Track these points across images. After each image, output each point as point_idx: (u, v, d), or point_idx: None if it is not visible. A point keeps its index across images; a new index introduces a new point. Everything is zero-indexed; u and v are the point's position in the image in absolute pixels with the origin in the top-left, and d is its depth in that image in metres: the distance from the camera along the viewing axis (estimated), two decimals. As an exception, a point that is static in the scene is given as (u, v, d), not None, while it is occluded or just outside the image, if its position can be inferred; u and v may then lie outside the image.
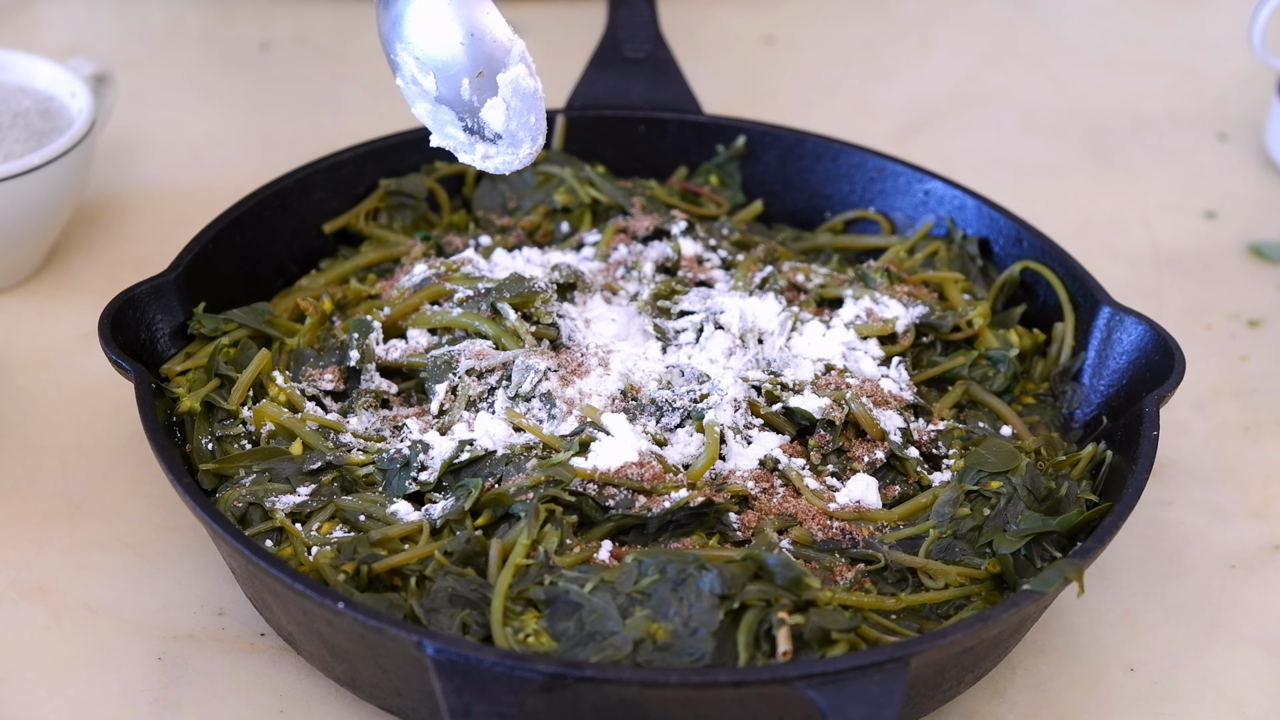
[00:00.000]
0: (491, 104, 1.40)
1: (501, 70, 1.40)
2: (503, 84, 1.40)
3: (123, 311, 1.39)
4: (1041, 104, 1.99)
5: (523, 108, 1.40)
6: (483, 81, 1.40)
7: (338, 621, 1.23)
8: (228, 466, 1.35)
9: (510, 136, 1.41)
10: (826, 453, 1.39)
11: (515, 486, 1.31)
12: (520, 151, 1.41)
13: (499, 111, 1.40)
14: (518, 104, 1.40)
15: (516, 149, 1.41)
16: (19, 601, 1.37)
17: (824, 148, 1.64)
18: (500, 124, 1.41)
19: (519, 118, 1.40)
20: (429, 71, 1.41)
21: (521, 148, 1.41)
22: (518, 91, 1.40)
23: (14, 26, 1.99)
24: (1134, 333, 1.45)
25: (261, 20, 2.03)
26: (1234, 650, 1.39)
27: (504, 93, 1.40)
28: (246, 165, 1.80)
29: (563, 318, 1.45)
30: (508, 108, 1.40)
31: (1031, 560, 1.32)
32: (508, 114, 1.40)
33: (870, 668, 1.17)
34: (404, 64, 1.42)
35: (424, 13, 1.40)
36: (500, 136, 1.41)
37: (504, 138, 1.41)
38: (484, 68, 1.40)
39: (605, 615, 1.23)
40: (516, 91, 1.40)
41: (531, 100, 1.40)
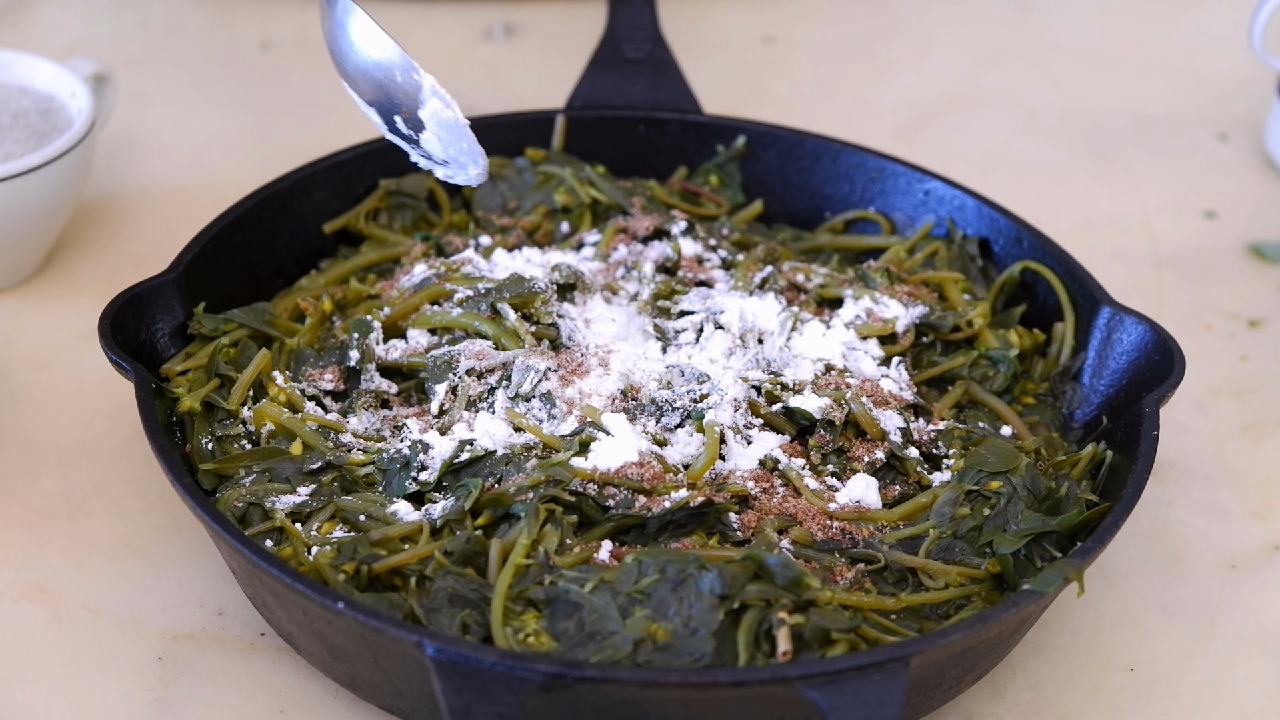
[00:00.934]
0: (425, 136, 1.47)
1: (419, 107, 1.46)
2: (425, 118, 1.46)
3: (123, 311, 1.39)
4: (1041, 104, 1.99)
5: (451, 137, 1.46)
6: (411, 117, 1.47)
7: (338, 621, 1.23)
8: (228, 466, 1.35)
9: (454, 160, 1.47)
10: (826, 453, 1.39)
11: (515, 486, 1.31)
12: (469, 172, 1.47)
13: (434, 142, 1.46)
14: (445, 134, 1.46)
15: (465, 169, 1.47)
16: (19, 601, 1.37)
17: (824, 148, 1.64)
18: (440, 153, 1.47)
19: (452, 146, 1.46)
20: (368, 107, 1.48)
21: (468, 169, 1.47)
22: (441, 124, 1.45)
23: (14, 26, 1.99)
24: (1134, 333, 1.45)
25: (261, 20, 2.03)
26: (1234, 650, 1.39)
27: (430, 126, 1.46)
28: (246, 165, 1.80)
29: (563, 318, 1.45)
30: (439, 139, 1.46)
31: (1031, 560, 1.32)
32: (441, 144, 1.46)
33: (870, 668, 1.17)
34: (355, 98, 1.49)
35: (342, 58, 1.48)
36: (446, 162, 1.47)
37: (450, 163, 1.47)
38: (405, 105, 1.47)
39: (605, 615, 1.23)
40: (440, 124, 1.45)
41: (456, 129, 1.46)
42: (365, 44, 1.47)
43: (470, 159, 1.47)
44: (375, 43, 1.47)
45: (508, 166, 1.63)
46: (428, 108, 1.45)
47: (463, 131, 1.46)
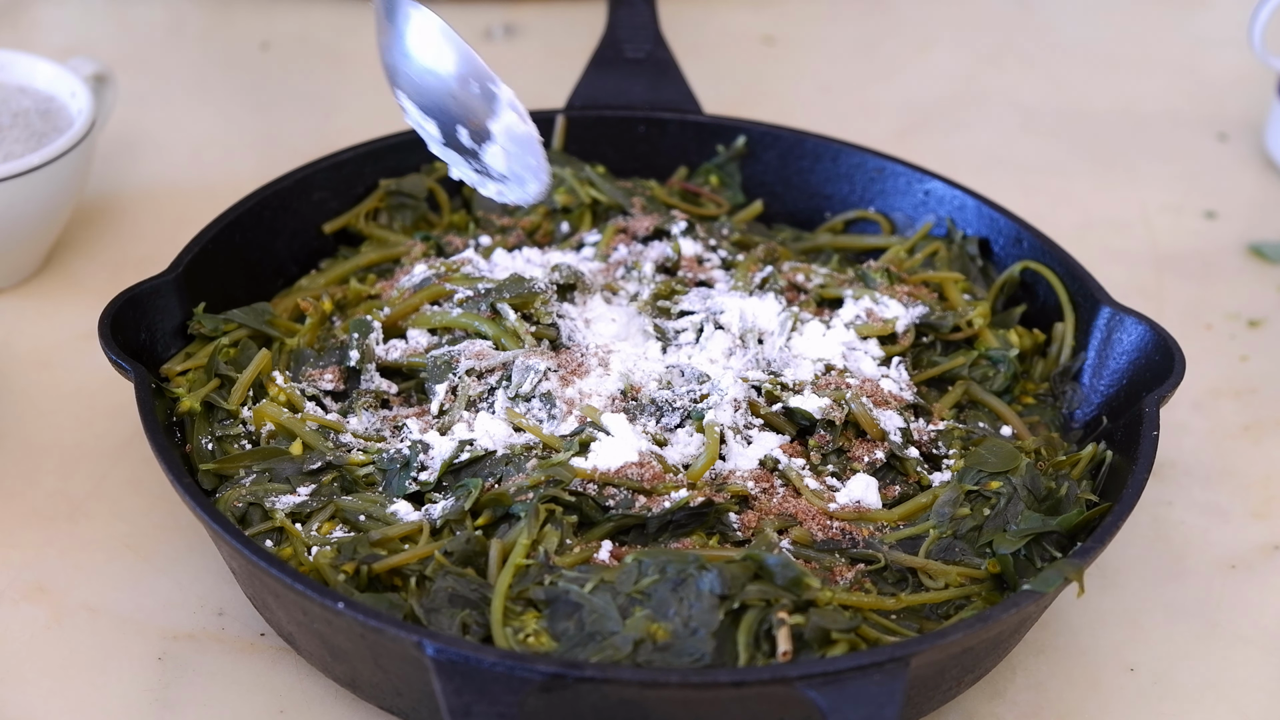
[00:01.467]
0: (490, 149, 1.44)
1: (493, 119, 1.43)
2: (496, 131, 1.43)
3: (123, 311, 1.39)
4: (1041, 104, 1.99)
5: (520, 151, 1.44)
6: (478, 129, 1.44)
7: (338, 621, 1.23)
8: (228, 466, 1.35)
9: (515, 177, 1.45)
10: (826, 453, 1.39)
11: (515, 486, 1.31)
12: (528, 189, 1.45)
13: (498, 156, 1.44)
14: (514, 148, 1.44)
15: (523, 186, 1.45)
16: (19, 601, 1.37)
17: (824, 148, 1.64)
18: (502, 167, 1.44)
19: (518, 160, 1.44)
20: (430, 119, 1.45)
21: (527, 185, 1.45)
22: (512, 138, 1.43)
23: (14, 26, 1.99)
24: (1134, 333, 1.45)
25: (261, 20, 2.03)
26: (1234, 650, 1.39)
27: (499, 139, 1.43)
28: (246, 165, 1.80)
29: (563, 318, 1.45)
30: (505, 153, 1.44)
31: (1031, 560, 1.32)
32: (506, 158, 1.44)
33: (870, 668, 1.17)
34: (407, 109, 1.46)
35: (413, 65, 1.45)
36: (505, 178, 1.45)
37: (509, 178, 1.45)
38: (476, 117, 1.44)
39: (605, 615, 1.23)
40: (511, 138, 1.43)
41: (527, 144, 1.44)
42: (441, 53, 1.45)
43: (534, 175, 1.45)
44: (453, 52, 1.45)
45: (508, 166, 1.63)
46: (501, 120, 1.44)
47: (534, 146, 1.44)
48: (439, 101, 1.45)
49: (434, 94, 1.45)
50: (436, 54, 1.45)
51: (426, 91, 1.45)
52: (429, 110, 1.45)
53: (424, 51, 1.45)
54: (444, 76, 1.44)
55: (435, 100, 1.45)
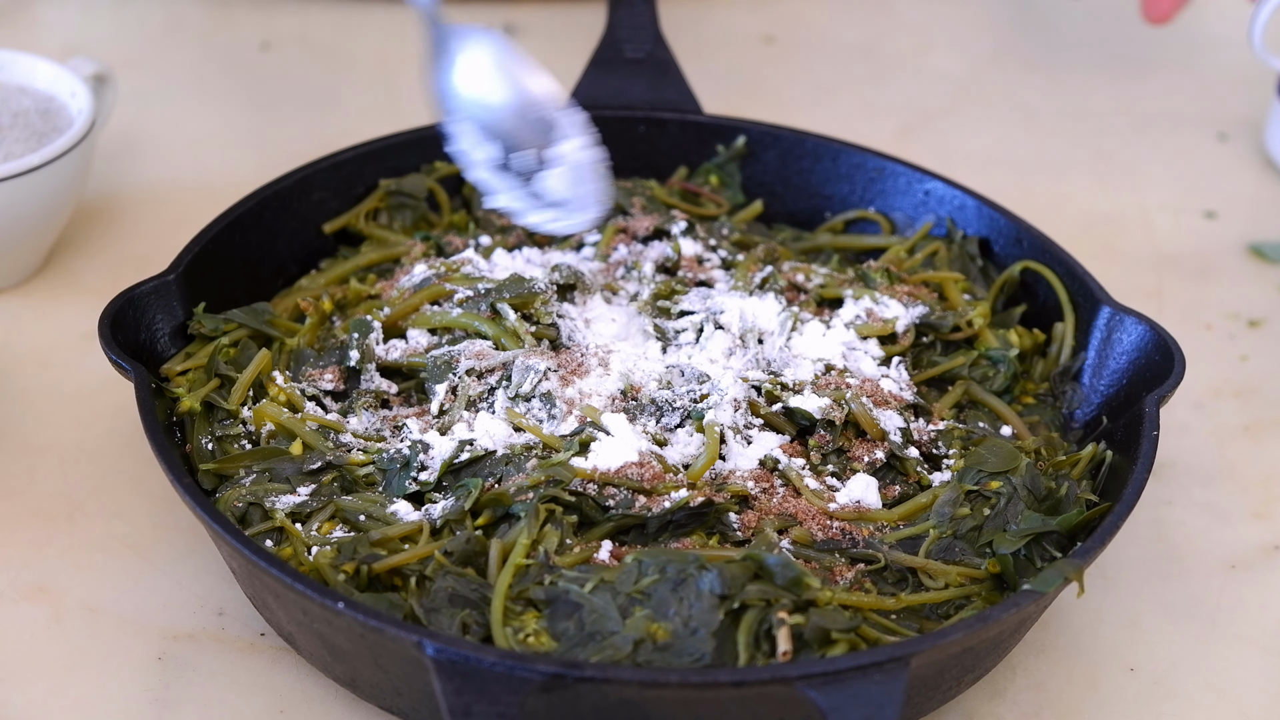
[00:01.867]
0: (551, 174, 1.44)
1: (561, 141, 1.43)
2: (563, 155, 1.44)
3: (123, 311, 1.39)
4: (1041, 104, 1.99)
5: (583, 176, 1.43)
6: (543, 151, 1.44)
7: (338, 621, 1.23)
8: (228, 466, 1.35)
9: (571, 204, 1.44)
10: (826, 453, 1.39)
11: (515, 486, 1.31)
12: (583, 216, 1.45)
13: (560, 180, 1.44)
14: (576, 174, 1.43)
15: (578, 213, 1.45)
16: (19, 601, 1.37)
17: (824, 148, 1.64)
18: (562, 191, 1.44)
19: (580, 186, 1.44)
20: (489, 140, 1.44)
21: (583, 214, 1.45)
22: (575, 163, 1.43)
23: (14, 26, 1.99)
24: (1134, 333, 1.45)
25: (261, 20, 2.03)
26: (1234, 650, 1.39)
27: (565, 163, 1.43)
28: (246, 165, 1.80)
29: (562, 318, 1.45)
30: (568, 176, 1.43)
31: (1031, 560, 1.32)
32: (569, 182, 1.44)
33: (870, 668, 1.17)
34: (461, 132, 1.45)
35: (483, 84, 1.44)
36: (560, 204, 1.44)
37: (564, 205, 1.44)
38: (544, 139, 1.43)
39: (605, 615, 1.23)
40: (574, 163, 1.43)
41: (589, 171, 1.43)
42: (516, 76, 1.44)
43: (593, 200, 1.44)
44: (529, 75, 1.44)
45: (508, 166, 1.63)
46: (570, 143, 1.43)
47: (599, 171, 1.44)
48: (503, 124, 1.44)
49: (498, 116, 1.44)
50: (509, 77, 1.44)
51: (490, 114, 1.44)
52: (491, 133, 1.44)
53: (494, 75, 1.44)
54: (513, 99, 1.44)
55: (499, 123, 1.44)
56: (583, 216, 1.45)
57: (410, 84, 1.94)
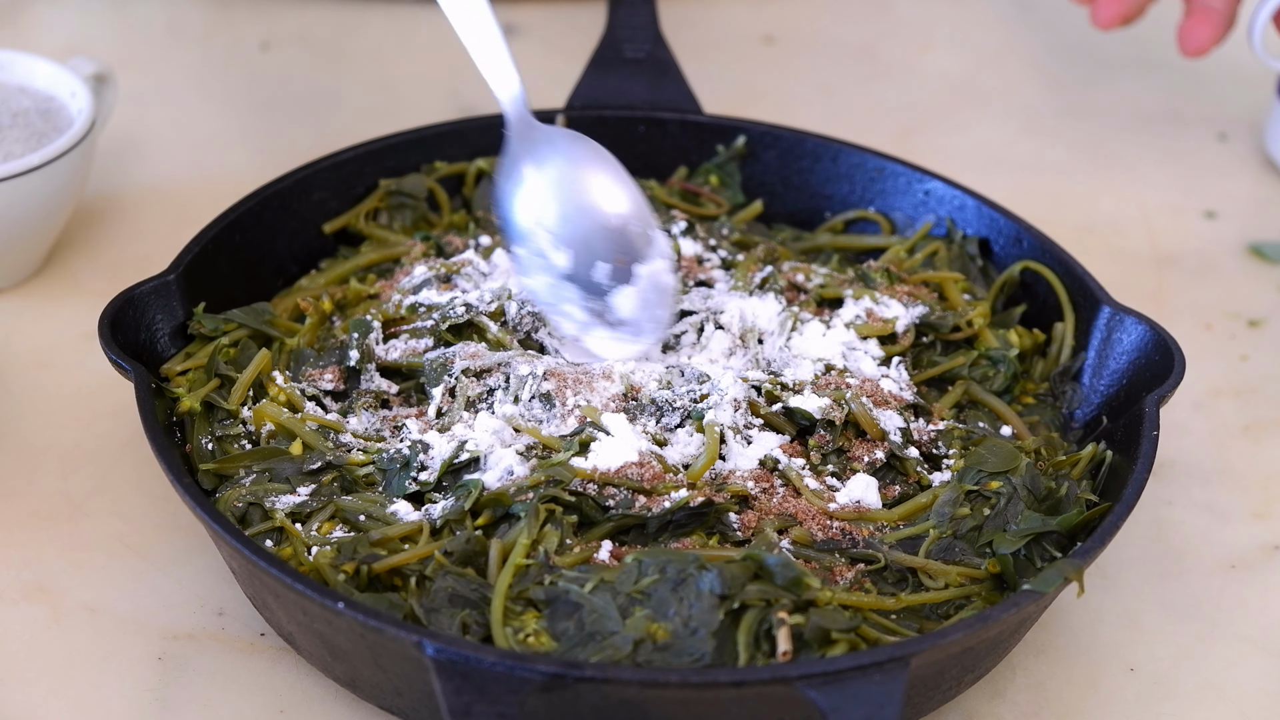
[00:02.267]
0: (625, 292, 1.40)
1: (642, 261, 1.40)
2: (641, 275, 1.40)
3: (123, 311, 1.39)
4: (1041, 104, 1.99)
5: (656, 300, 1.40)
6: (621, 268, 1.40)
7: (338, 621, 1.23)
8: (228, 466, 1.35)
9: (635, 325, 1.40)
10: (826, 453, 1.39)
11: (515, 486, 1.31)
12: (642, 341, 1.41)
13: (631, 300, 1.40)
14: (652, 296, 1.40)
15: (638, 337, 1.41)
16: (19, 601, 1.37)
17: (824, 148, 1.64)
18: (629, 312, 1.40)
19: (649, 310, 1.40)
20: (565, 249, 1.40)
21: (643, 338, 1.41)
22: (655, 285, 1.40)
23: (14, 26, 1.99)
24: (1134, 333, 1.45)
25: (261, 20, 2.03)
26: (1234, 650, 1.39)
27: (641, 284, 1.40)
28: (246, 165, 1.80)
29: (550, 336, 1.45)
30: (641, 299, 1.40)
31: (1031, 560, 1.32)
32: (639, 304, 1.40)
33: (870, 668, 1.17)
34: (534, 235, 1.40)
35: (572, 194, 1.40)
36: (624, 323, 1.40)
37: (628, 325, 1.40)
38: (626, 255, 1.39)
39: (605, 615, 1.23)
40: (654, 285, 1.40)
41: (666, 295, 1.40)
42: (619, 191, 1.41)
43: (655, 326, 1.40)
44: (631, 193, 1.41)
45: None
46: (651, 265, 1.40)
47: (670, 299, 1.40)
48: (587, 235, 1.40)
49: (586, 228, 1.40)
50: (613, 191, 1.41)
51: (575, 224, 1.40)
52: (569, 242, 1.40)
53: (595, 186, 1.41)
54: (612, 213, 1.40)
55: (583, 235, 1.40)
56: (643, 342, 1.41)
57: (410, 84, 1.94)
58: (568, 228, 1.40)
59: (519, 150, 1.43)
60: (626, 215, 1.41)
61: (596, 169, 1.42)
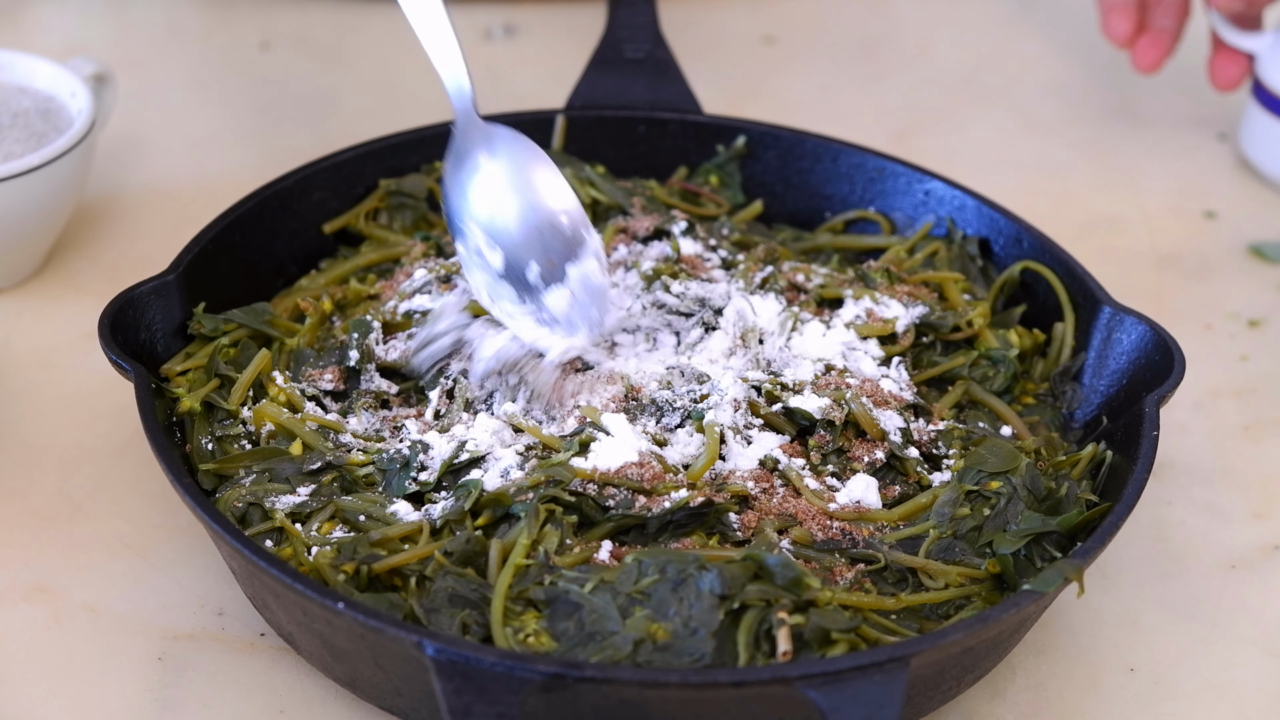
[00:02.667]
0: (557, 291, 1.41)
1: (573, 262, 1.42)
2: (572, 275, 1.42)
3: (123, 311, 1.39)
4: (1041, 104, 1.99)
5: (587, 301, 1.41)
6: (552, 269, 1.41)
7: (338, 621, 1.23)
8: (228, 466, 1.35)
9: (568, 324, 1.42)
10: (826, 453, 1.39)
11: (515, 486, 1.31)
12: (575, 339, 1.41)
13: (562, 300, 1.41)
14: (583, 296, 1.41)
15: (572, 334, 1.42)
16: (19, 601, 1.37)
17: (824, 148, 1.64)
18: (561, 311, 1.41)
19: (581, 309, 1.41)
20: (497, 248, 1.42)
21: (576, 336, 1.42)
22: (586, 286, 1.41)
23: (14, 26, 1.99)
24: (1134, 333, 1.45)
25: (261, 20, 2.03)
26: (1234, 650, 1.39)
27: (572, 284, 1.41)
28: (246, 165, 1.80)
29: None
30: (573, 298, 1.41)
31: (1031, 560, 1.32)
32: (571, 303, 1.41)
33: (870, 668, 1.17)
34: (470, 234, 1.42)
35: (504, 193, 1.42)
36: (556, 322, 1.41)
37: (560, 324, 1.41)
38: (556, 256, 1.41)
39: (605, 615, 1.23)
40: (585, 285, 1.41)
41: (598, 295, 1.41)
42: (549, 190, 1.42)
43: (588, 325, 1.41)
44: (563, 192, 1.42)
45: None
46: (581, 266, 1.41)
47: (602, 299, 1.42)
48: (519, 236, 1.42)
49: (517, 228, 1.42)
50: (544, 198, 1.42)
51: (506, 223, 1.42)
52: (501, 241, 1.42)
53: (528, 194, 1.42)
54: (540, 213, 1.42)
55: (514, 234, 1.42)
56: (573, 340, 1.41)
57: (410, 84, 1.94)
58: (499, 226, 1.42)
59: (461, 147, 1.45)
60: (555, 214, 1.42)
61: (529, 169, 1.43)
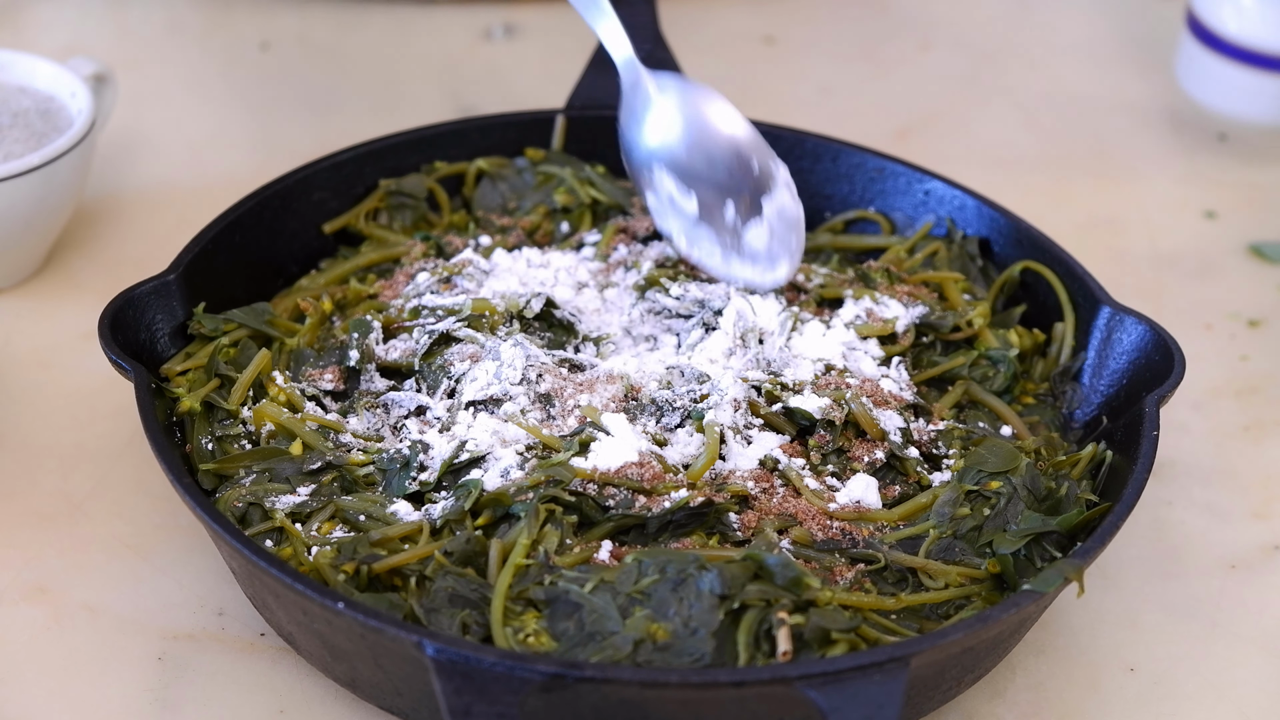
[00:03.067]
0: (755, 227, 1.45)
1: (766, 195, 1.45)
2: (767, 208, 1.45)
3: (123, 311, 1.39)
4: (1041, 104, 1.99)
5: (785, 231, 1.45)
6: (749, 206, 1.45)
7: (338, 621, 1.23)
8: (228, 466, 1.35)
9: (769, 257, 1.45)
10: (826, 453, 1.39)
11: (515, 486, 1.31)
12: (777, 270, 1.46)
13: (762, 234, 1.45)
14: (780, 227, 1.45)
15: (773, 267, 1.46)
16: (19, 601, 1.37)
17: (824, 148, 1.64)
18: (761, 246, 1.45)
19: (781, 241, 1.45)
20: (691, 194, 1.46)
21: (779, 267, 1.46)
22: (782, 216, 1.45)
23: (14, 26, 1.99)
24: (1134, 333, 1.45)
25: (261, 20, 2.03)
26: (1234, 650, 1.39)
27: (768, 216, 1.45)
28: (246, 165, 1.80)
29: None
30: (770, 231, 1.45)
31: (1031, 560, 1.32)
32: (770, 237, 1.45)
33: (870, 668, 1.17)
34: (661, 184, 1.46)
35: (696, 138, 1.46)
36: (757, 256, 1.45)
37: (762, 257, 1.45)
38: (749, 192, 1.45)
39: (605, 615, 1.23)
40: (781, 216, 1.45)
41: (794, 224, 1.45)
42: (730, 129, 1.46)
43: (789, 254, 1.45)
44: (744, 129, 1.46)
45: (507, 166, 1.63)
46: (776, 198, 1.45)
47: (799, 227, 1.45)
48: (712, 176, 1.45)
49: (708, 169, 1.45)
50: (724, 130, 1.46)
51: (698, 166, 1.45)
52: (694, 184, 1.45)
53: (708, 127, 1.46)
54: (727, 152, 1.45)
55: (707, 175, 1.45)
56: (778, 271, 1.46)
57: (410, 84, 1.94)
58: (689, 170, 1.46)
59: (632, 100, 1.48)
60: (746, 147, 1.46)
61: (710, 105, 1.46)
